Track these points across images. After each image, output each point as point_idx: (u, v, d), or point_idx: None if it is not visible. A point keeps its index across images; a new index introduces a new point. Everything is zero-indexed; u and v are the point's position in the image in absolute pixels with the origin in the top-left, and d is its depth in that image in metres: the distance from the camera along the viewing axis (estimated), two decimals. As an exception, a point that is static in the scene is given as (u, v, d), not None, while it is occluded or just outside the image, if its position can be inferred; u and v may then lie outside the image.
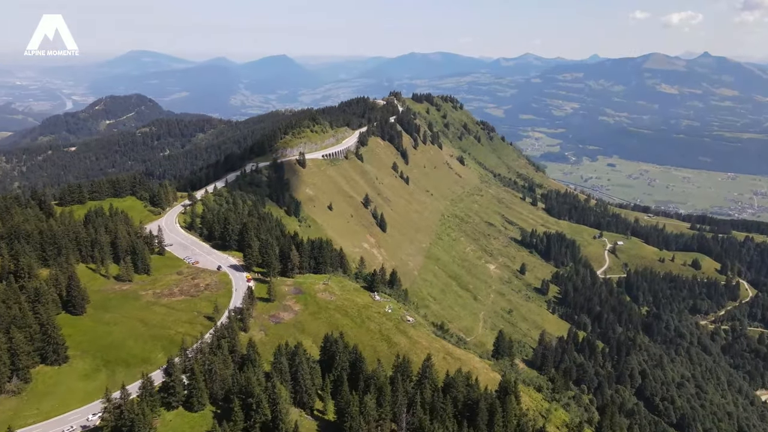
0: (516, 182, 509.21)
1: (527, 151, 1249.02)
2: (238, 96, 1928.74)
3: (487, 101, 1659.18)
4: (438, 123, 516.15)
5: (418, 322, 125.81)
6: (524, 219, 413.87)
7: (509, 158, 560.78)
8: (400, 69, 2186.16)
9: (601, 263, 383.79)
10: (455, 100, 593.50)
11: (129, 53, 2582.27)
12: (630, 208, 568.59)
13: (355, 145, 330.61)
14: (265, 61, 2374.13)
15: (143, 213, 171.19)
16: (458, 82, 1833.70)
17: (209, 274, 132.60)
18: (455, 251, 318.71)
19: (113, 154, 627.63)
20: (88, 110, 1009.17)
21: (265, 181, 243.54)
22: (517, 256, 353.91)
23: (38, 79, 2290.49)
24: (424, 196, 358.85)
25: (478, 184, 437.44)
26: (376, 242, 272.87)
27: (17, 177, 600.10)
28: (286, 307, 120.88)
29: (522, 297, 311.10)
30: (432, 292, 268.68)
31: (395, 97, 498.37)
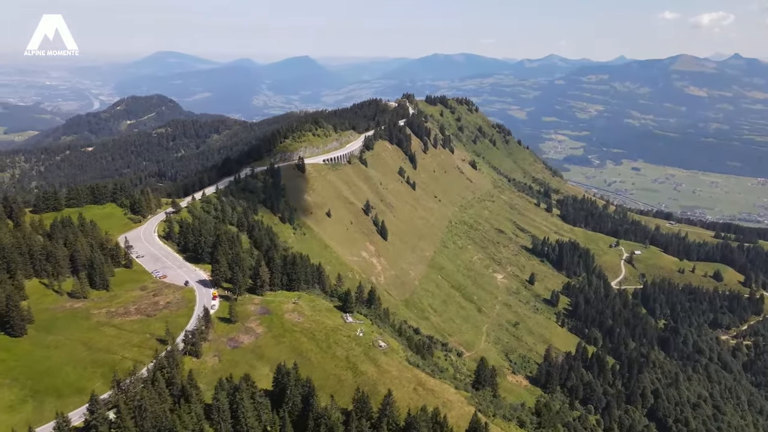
0: (531, 187, 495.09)
1: (549, 154, 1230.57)
2: (260, 97, 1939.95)
3: (510, 103, 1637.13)
4: (452, 126, 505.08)
5: (391, 347, 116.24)
6: (537, 226, 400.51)
7: (525, 162, 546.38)
8: (422, 70, 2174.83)
9: (617, 273, 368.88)
10: (471, 102, 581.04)
11: (155, 54, 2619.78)
12: (651, 215, 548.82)
13: (359, 150, 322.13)
14: (288, 62, 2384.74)
15: (122, 221, 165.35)
16: (481, 84, 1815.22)
17: (174, 290, 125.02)
18: (461, 260, 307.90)
19: (129, 155, 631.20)
20: (110, 110, 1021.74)
21: (260, 187, 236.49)
22: (527, 265, 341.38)
23: (68, 79, 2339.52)
24: (431, 202, 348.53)
25: (490, 190, 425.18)
26: (376, 250, 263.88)
27: (35, 177, 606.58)
28: (248, 329, 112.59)
29: (530, 309, 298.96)
30: (433, 303, 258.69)
31: (407, 99, 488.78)
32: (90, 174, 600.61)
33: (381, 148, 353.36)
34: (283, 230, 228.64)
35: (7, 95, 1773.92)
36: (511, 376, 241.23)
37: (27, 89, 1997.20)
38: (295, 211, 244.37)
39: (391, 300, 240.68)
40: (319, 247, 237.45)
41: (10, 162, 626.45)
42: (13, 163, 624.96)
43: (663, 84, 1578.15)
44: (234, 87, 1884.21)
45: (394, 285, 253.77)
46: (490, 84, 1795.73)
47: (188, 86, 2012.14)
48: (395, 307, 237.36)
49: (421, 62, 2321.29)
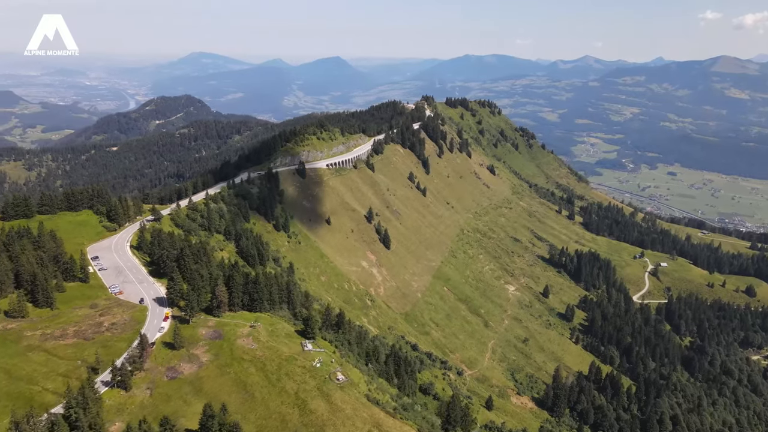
0: (554, 193, 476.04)
1: (581, 158, 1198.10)
2: (291, 97, 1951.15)
3: (542, 105, 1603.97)
4: (472, 129, 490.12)
5: (351, 381, 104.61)
6: (556, 235, 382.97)
7: (549, 167, 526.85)
8: (453, 71, 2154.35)
9: (640, 287, 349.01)
10: (493, 104, 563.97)
11: (190, 55, 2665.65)
12: (683, 223, 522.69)
13: (367, 154, 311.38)
14: (319, 63, 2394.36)
15: (97, 229, 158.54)
16: (512, 85, 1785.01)
17: (125, 309, 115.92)
18: (470, 270, 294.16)
19: (151, 155, 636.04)
20: (140, 110, 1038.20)
21: (255, 193, 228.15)
22: (543, 276, 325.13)
23: (107, 79, 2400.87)
24: (442, 209, 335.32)
25: (508, 196, 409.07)
26: (377, 260, 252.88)
27: (60, 176, 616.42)
28: (193, 356, 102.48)
29: (542, 323, 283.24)
30: (435, 317, 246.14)
31: (426, 101, 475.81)
32: (113, 173, 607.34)
33: (392, 152, 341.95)
34: (276, 238, 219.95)
35: (49, 95, 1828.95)
36: (516, 397, 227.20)
37: (67, 89, 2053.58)
38: (291, 218, 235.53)
39: (390, 313, 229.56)
40: (314, 256, 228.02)
41: (37, 161, 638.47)
42: (40, 162, 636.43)
43: (703, 86, 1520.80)
44: (265, 87, 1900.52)
45: (395, 297, 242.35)
46: (522, 85, 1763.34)
47: (221, 86, 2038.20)
48: (393, 320, 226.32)
49: (452, 63, 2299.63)
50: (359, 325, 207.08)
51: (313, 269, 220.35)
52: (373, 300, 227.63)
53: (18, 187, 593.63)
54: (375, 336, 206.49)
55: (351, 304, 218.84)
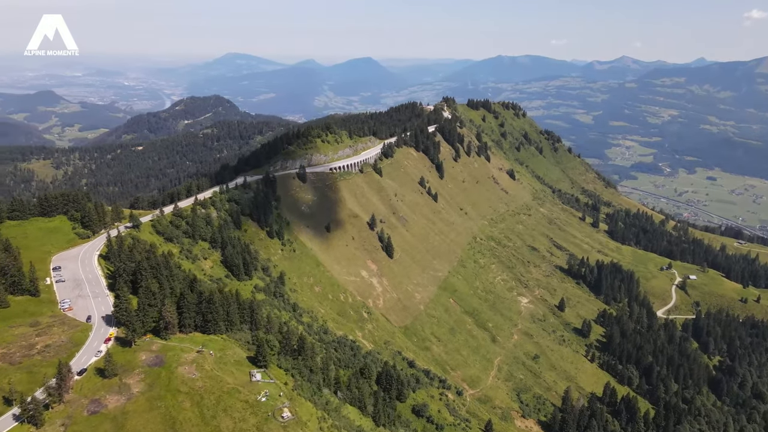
0: (578, 199, 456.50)
1: (616, 161, 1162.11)
2: (321, 97, 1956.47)
3: (576, 107, 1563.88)
4: (494, 132, 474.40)
5: (298, 419, 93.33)
6: (577, 243, 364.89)
7: (575, 172, 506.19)
8: (485, 72, 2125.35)
9: (666, 301, 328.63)
10: (518, 107, 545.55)
11: (225, 56, 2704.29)
12: (719, 232, 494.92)
13: (375, 157, 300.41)
14: (350, 64, 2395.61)
15: (68, 237, 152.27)
16: (546, 87, 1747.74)
17: (67, 328, 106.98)
18: (480, 281, 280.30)
19: (174, 155, 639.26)
20: (169, 110, 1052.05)
21: (249, 198, 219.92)
22: (559, 288, 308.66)
23: (145, 79, 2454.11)
24: (454, 216, 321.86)
25: (528, 202, 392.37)
26: (378, 270, 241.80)
27: (86, 174, 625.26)
28: (125, 386, 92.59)
29: (555, 339, 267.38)
30: (437, 331, 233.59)
31: (446, 102, 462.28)
32: (136, 172, 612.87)
33: (403, 155, 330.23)
34: (268, 246, 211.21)
35: (89, 95, 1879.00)
36: (521, 420, 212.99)
37: (107, 89, 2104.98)
38: (288, 224, 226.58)
39: (387, 327, 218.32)
40: (309, 265, 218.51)
41: (65, 160, 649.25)
42: (68, 161, 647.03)
43: (746, 88, 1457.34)
44: (297, 88, 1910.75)
45: (395, 309, 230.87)
46: (555, 87, 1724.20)
47: (254, 87, 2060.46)
48: (391, 334, 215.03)
49: (485, 64, 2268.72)
50: (352, 340, 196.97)
51: (306, 279, 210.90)
52: (370, 312, 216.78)
53: (45, 185, 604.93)
54: (368, 352, 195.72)
55: (345, 316, 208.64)
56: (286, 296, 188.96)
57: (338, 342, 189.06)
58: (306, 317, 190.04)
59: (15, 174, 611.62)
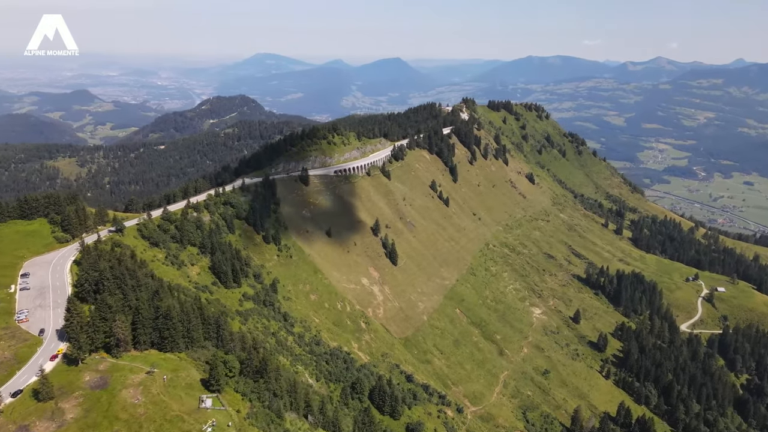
0: (601, 205, 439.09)
1: (648, 164, 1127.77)
2: (349, 98, 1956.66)
3: (607, 108, 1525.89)
4: (515, 134, 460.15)
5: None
6: (598, 251, 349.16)
7: (599, 176, 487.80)
8: (515, 73, 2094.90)
9: (691, 314, 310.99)
10: (540, 108, 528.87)
11: (255, 56, 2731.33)
12: (752, 241, 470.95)
13: (384, 160, 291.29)
14: (379, 64, 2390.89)
15: (46, 241, 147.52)
16: (576, 88, 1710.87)
17: (15, 342, 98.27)
18: (490, 290, 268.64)
19: (195, 154, 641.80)
20: (196, 110, 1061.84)
21: (246, 201, 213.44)
22: (576, 298, 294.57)
23: (176, 79, 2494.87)
24: (467, 221, 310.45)
25: (547, 207, 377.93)
26: (380, 277, 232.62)
27: (109, 173, 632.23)
28: (58, 412, 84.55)
29: (568, 353, 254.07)
30: (440, 343, 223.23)
31: (465, 104, 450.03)
32: (157, 171, 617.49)
33: (415, 158, 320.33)
34: (263, 252, 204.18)
35: (123, 94, 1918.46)
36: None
37: (140, 89, 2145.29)
38: (286, 229, 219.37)
39: (387, 338, 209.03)
40: (307, 271, 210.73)
41: (90, 158, 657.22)
42: (92, 159, 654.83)
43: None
44: (325, 88, 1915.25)
45: (396, 319, 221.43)
46: (587, 88, 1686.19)
47: (282, 87, 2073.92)
48: (390, 346, 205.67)
49: (514, 65, 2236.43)
50: (347, 351, 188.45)
51: (302, 287, 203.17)
52: (368, 322, 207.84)
53: (69, 182, 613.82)
54: (363, 365, 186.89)
55: (341, 326, 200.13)
56: (276, 305, 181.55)
57: (331, 354, 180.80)
58: (298, 327, 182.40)
59: (41, 171, 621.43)
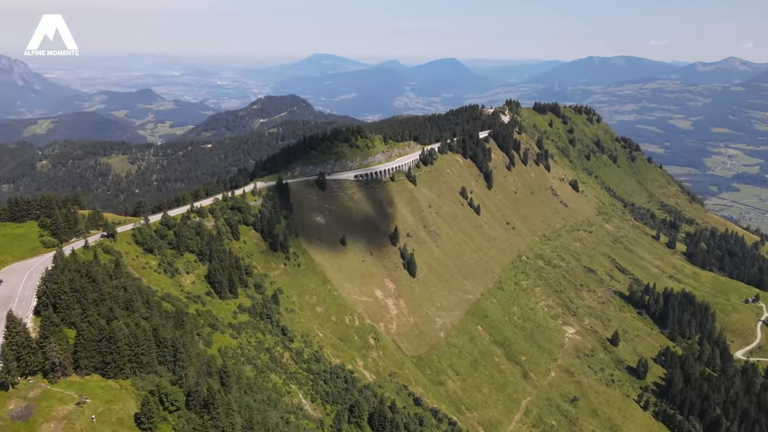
0: (654, 215, 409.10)
1: (716, 170, 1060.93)
2: (402, 98, 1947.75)
3: (673, 111, 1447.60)
4: (561, 138, 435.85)
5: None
6: (645, 267, 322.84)
7: (654, 184, 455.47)
8: (574, 74, 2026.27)
9: (748, 340, 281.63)
10: (591, 111, 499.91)
11: (312, 56, 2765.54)
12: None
13: (410, 164, 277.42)
14: (434, 64, 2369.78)
15: (32, 245, 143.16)
16: (640, 89, 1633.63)
17: None
18: (518, 306, 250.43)
19: (239, 153, 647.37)
20: (246, 109, 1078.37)
21: (255, 206, 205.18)
22: (616, 318, 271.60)
23: (235, 79, 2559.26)
24: (499, 230, 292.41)
25: (590, 217, 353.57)
26: (396, 290, 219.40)
27: (157, 170, 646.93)
28: (-33, 444, 77.71)
29: (602, 379, 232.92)
30: (457, 363, 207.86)
31: (508, 105, 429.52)
32: (202, 169, 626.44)
33: (446, 162, 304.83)
34: (269, 260, 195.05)
35: (184, 93, 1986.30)
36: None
37: (201, 88, 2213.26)
38: (296, 236, 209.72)
39: (397, 356, 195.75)
40: (315, 282, 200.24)
41: (140, 155, 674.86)
42: (143, 157, 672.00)
43: None
44: (378, 88, 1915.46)
45: (410, 336, 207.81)
46: (651, 90, 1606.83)
47: (337, 86, 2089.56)
48: (400, 365, 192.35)
49: (574, 65, 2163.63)
50: (350, 370, 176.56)
51: (308, 298, 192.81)
52: (378, 338, 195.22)
53: (119, 179, 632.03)
54: (366, 385, 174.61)
55: (348, 342, 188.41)
56: (275, 317, 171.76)
57: (331, 372, 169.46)
58: (297, 342, 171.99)
59: (94, 168, 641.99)
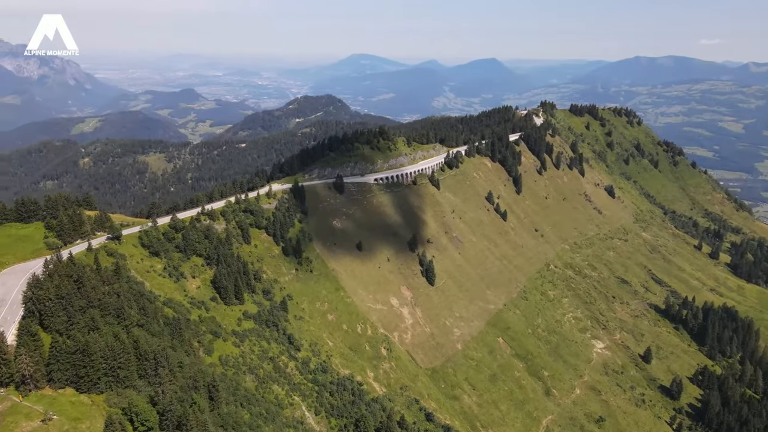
0: (697, 223, 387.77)
1: (766, 176, 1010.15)
2: (441, 98, 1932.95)
3: (723, 113, 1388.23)
4: (599, 141, 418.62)
5: None
6: (684, 279, 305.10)
7: (698, 190, 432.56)
8: (619, 74, 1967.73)
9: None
10: (632, 113, 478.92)
11: (351, 56, 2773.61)
12: None
13: (434, 168, 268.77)
14: (473, 65, 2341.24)
15: (36, 246, 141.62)
16: (688, 91, 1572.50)
17: None
18: (543, 318, 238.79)
19: (271, 152, 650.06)
20: (283, 109, 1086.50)
21: (269, 209, 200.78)
22: (650, 333, 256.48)
23: (275, 79, 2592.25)
24: (526, 237, 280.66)
25: (627, 224, 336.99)
26: (413, 298, 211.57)
27: (192, 169, 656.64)
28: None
29: (631, 399, 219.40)
30: (474, 376, 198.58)
31: (542, 107, 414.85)
32: (235, 168, 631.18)
33: (473, 166, 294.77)
34: (280, 265, 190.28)
35: (226, 93, 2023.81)
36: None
37: (242, 88, 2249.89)
38: (310, 240, 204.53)
39: (410, 368, 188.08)
40: (327, 288, 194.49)
41: (177, 154, 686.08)
42: (179, 155, 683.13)
43: None
44: (417, 88, 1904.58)
45: (424, 347, 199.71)
46: (700, 91, 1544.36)
47: (375, 87, 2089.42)
48: (413, 377, 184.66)
49: (619, 66, 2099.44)
50: (359, 381, 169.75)
51: (319, 305, 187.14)
52: (390, 349, 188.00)
53: (156, 177, 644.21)
54: (375, 398, 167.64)
55: (358, 351, 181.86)
56: (282, 325, 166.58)
57: (338, 384, 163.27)
58: (304, 351, 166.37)
59: (132, 166, 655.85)
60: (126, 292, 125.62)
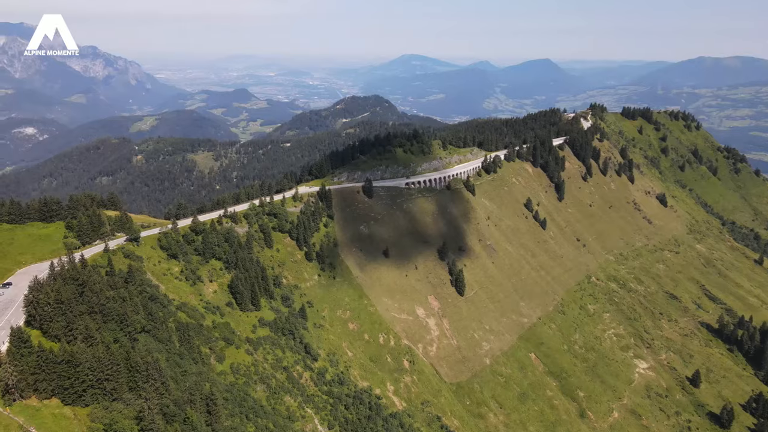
0: (759, 236, 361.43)
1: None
2: (492, 100, 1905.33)
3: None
4: (652, 147, 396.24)
5: None
6: (741, 296, 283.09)
7: (761, 200, 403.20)
8: (681, 76, 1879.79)
9: None
10: (690, 117, 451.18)
11: (401, 57, 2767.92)
12: None
13: (469, 172, 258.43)
14: (526, 65, 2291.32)
15: (55, 246, 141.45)
16: (757, 93, 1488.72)
17: None
18: (581, 334, 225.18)
19: (315, 152, 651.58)
20: (330, 109, 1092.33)
21: (294, 213, 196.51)
22: (699, 354, 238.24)
23: (326, 79, 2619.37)
24: (567, 247, 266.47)
25: (679, 235, 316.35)
26: (440, 308, 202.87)
27: (238, 167, 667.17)
28: None
29: (676, 426, 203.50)
30: (501, 394, 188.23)
31: (592, 110, 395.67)
32: (279, 168, 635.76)
33: (512, 171, 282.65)
34: (302, 270, 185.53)
35: (277, 93, 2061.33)
36: None
37: (293, 88, 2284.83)
38: (335, 246, 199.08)
39: (433, 382, 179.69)
40: (350, 296, 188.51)
41: (224, 153, 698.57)
42: (225, 154, 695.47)
43: None
44: (467, 89, 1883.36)
45: (450, 360, 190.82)
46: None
47: (425, 87, 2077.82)
48: (435, 392, 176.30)
49: (681, 67, 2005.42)
50: (378, 395, 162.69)
51: (341, 313, 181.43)
52: (413, 361, 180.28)
53: (203, 175, 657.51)
54: (394, 413, 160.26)
55: (379, 363, 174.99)
56: (299, 333, 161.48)
57: (355, 396, 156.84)
58: (321, 361, 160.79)
59: (181, 164, 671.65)
60: (134, 296, 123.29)
